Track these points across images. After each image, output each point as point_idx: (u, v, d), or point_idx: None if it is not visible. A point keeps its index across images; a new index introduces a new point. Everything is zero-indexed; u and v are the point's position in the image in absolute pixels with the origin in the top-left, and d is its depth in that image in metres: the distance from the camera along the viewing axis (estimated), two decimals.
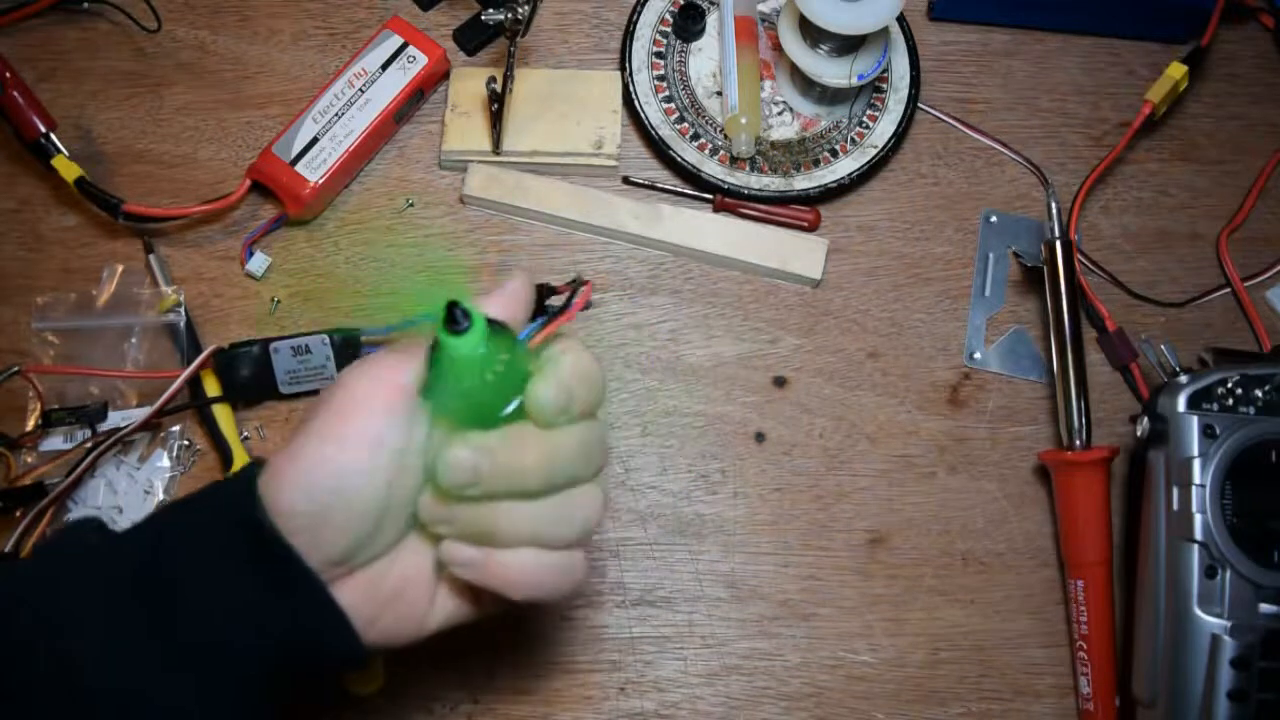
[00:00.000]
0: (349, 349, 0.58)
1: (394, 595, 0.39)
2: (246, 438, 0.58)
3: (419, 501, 0.39)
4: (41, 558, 0.41)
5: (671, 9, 0.68)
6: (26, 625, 0.36)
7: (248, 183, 0.61)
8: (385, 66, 0.64)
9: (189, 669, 0.36)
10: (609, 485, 0.59)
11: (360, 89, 0.63)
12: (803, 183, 0.65)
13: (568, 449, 0.38)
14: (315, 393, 0.59)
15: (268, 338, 0.58)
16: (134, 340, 0.59)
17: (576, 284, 0.41)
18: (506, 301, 0.40)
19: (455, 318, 0.36)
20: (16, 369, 0.56)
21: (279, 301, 0.62)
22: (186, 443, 0.58)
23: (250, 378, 0.58)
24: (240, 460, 0.57)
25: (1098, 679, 0.56)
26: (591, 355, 0.39)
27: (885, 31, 0.63)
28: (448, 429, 0.38)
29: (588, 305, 0.41)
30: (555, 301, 0.40)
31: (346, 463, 0.36)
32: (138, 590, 0.36)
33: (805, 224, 0.65)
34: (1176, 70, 0.65)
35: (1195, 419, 0.53)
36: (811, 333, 0.63)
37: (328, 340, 0.57)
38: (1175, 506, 0.53)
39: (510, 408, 0.38)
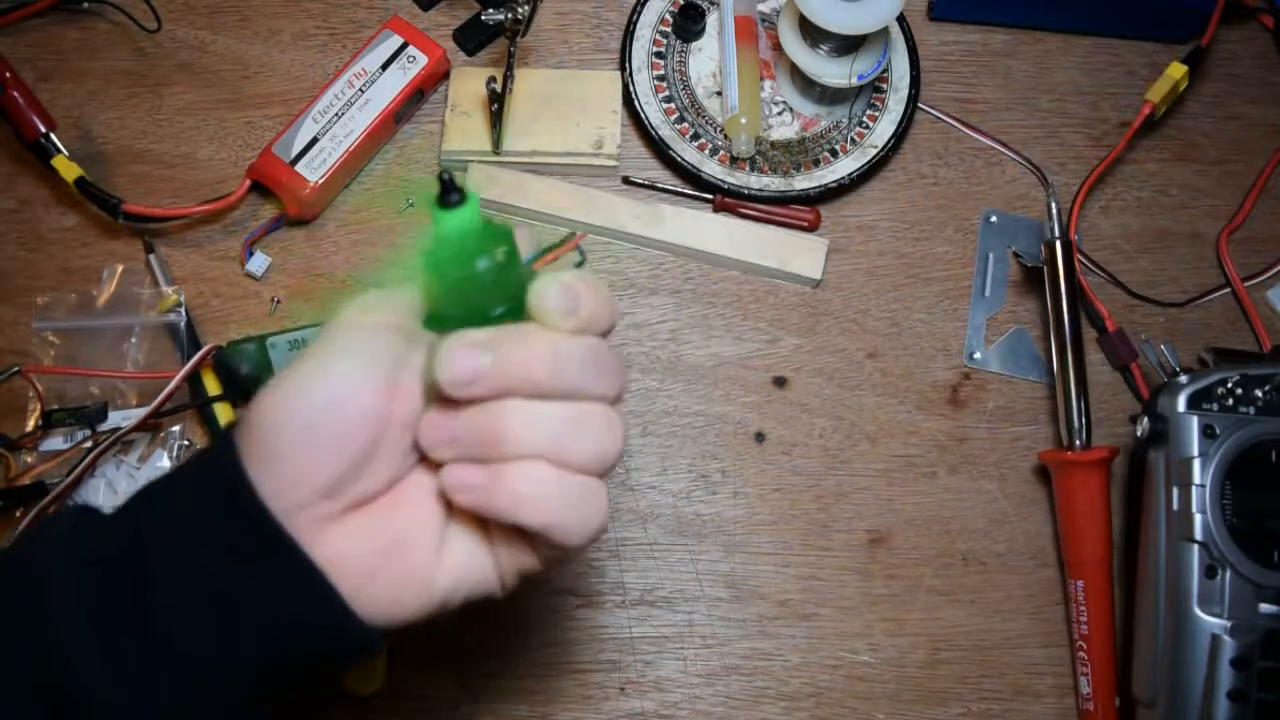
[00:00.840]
0: None
1: (396, 544, 0.36)
2: None
3: (419, 427, 0.36)
4: (24, 548, 0.38)
5: (671, 9, 0.68)
6: (10, 620, 0.35)
7: (248, 183, 0.61)
8: (385, 66, 0.64)
9: (174, 661, 0.34)
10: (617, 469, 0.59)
11: (360, 89, 0.63)
12: (803, 183, 0.65)
13: (576, 349, 0.35)
14: None
15: (265, 334, 0.58)
16: (134, 340, 0.59)
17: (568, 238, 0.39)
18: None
19: (447, 188, 0.33)
20: (17, 369, 0.56)
21: (279, 301, 0.62)
22: (187, 442, 0.58)
23: (249, 375, 0.57)
24: None
25: (1098, 679, 0.56)
26: (596, 278, 0.36)
27: (885, 31, 0.63)
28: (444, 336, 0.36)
29: (581, 260, 0.39)
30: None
31: (341, 371, 0.34)
32: (119, 580, 0.34)
33: (805, 224, 0.65)
34: (1176, 70, 0.65)
35: (1195, 419, 0.53)
36: (811, 333, 0.63)
37: None
38: (1175, 506, 0.53)
39: (507, 310, 0.35)
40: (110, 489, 0.56)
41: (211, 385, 0.58)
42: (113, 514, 0.37)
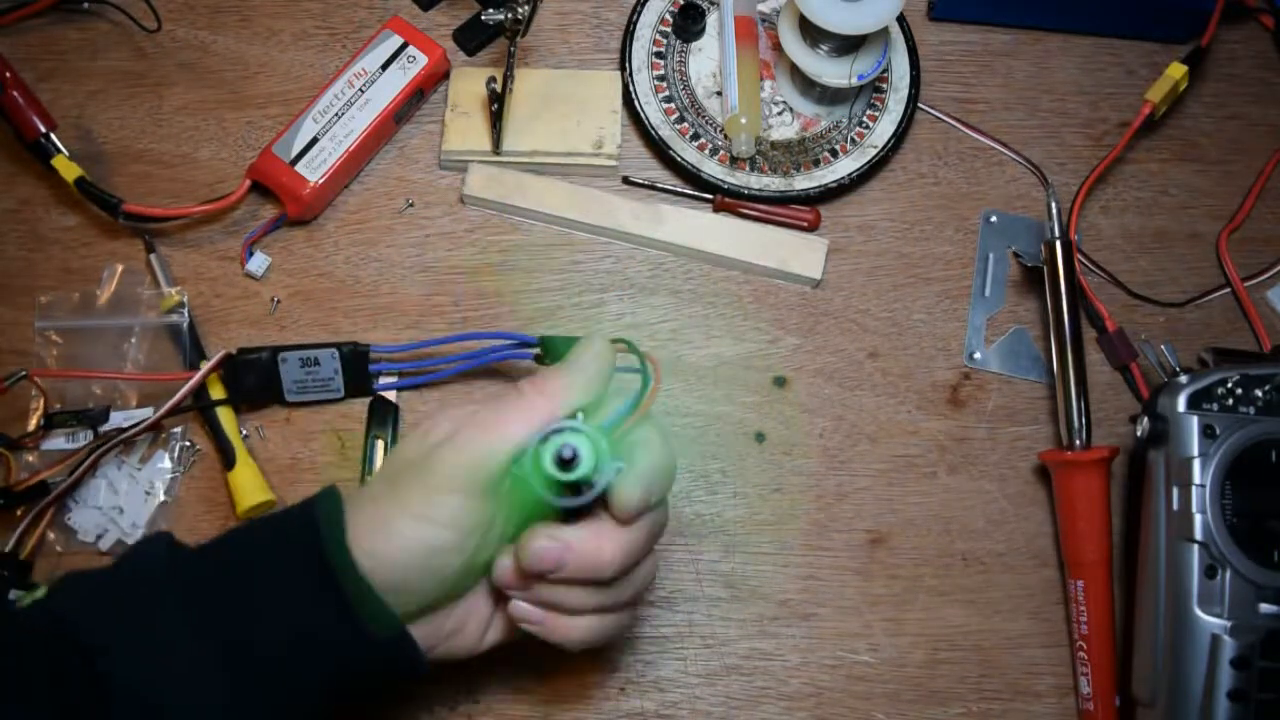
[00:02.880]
0: (358, 362, 0.58)
1: (453, 631, 0.44)
2: (246, 436, 0.58)
3: (496, 566, 0.43)
4: (111, 582, 0.41)
5: (671, 9, 0.68)
6: (83, 650, 0.38)
7: (248, 183, 0.61)
8: (385, 66, 0.64)
9: (259, 697, 0.39)
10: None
11: (360, 89, 0.63)
12: (803, 183, 0.65)
13: (641, 540, 0.43)
14: (320, 403, 0.59)
15: (277, 346, 0.58)
16: (134, 340, 0.59)
17: (641, 359, 0.44)
18: (589, 382, 0.43)
19: (564, 461, 0.40)
20: (23, 374, 0.56)
21: (279, 301, 0.62)
22: (188, 443, 0.58)
23: (256, 384, 0.58)
24: (243, 459, 0.57)
25: (1098, 679, 0.56)
26: (667, 445, 0.43)
27: (885, 31, 0.63)
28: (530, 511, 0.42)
29: (646, 380, 0.45)
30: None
31: (437, 542, 0.40)
32: (215, 631, 0.39)
33: (805, 224, 0.65)
34: (1176, 70, 0.65)
35: (1195, 419, 0.53)
36: (811, 333, 0.63)
37: (337, 354, 0.58)
38: (1175, 506, 0.53)
39: (595, 493, 0.41)
40: (111, 489, 0.57)
41: (215, 387, 0.58)
42: (202, 556, 0.42)
